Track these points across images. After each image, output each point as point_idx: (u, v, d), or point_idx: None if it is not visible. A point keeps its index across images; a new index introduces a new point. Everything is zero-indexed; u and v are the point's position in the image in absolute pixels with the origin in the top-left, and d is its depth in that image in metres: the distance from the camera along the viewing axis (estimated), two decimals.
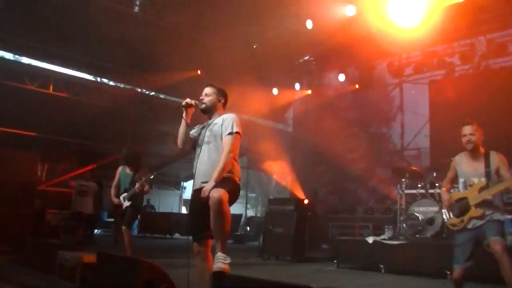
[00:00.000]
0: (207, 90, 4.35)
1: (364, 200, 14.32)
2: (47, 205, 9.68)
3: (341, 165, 15.06)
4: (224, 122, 4.14)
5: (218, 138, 4.12)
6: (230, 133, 4.07)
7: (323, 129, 15.93)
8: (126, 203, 6.98)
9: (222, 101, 4.36)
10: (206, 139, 4.18)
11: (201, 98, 4.33)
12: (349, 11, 11.99)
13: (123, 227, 6.81)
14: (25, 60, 12.84)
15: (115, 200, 7.10)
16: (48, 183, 11.17)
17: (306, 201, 11.40)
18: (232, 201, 3.91)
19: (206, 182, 3.95)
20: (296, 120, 17.40)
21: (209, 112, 4.33)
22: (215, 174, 3.90)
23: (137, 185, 6.90)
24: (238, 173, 4.13)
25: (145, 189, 6.99)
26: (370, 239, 8.20)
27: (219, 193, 3.71)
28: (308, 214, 11.04)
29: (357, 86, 14.69)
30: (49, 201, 9.86)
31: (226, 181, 3.92)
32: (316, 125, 16.29)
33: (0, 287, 5.18)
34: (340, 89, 15.97)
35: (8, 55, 12.85)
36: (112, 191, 7.19)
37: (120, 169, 7.26)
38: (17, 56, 13.29)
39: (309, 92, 15.14)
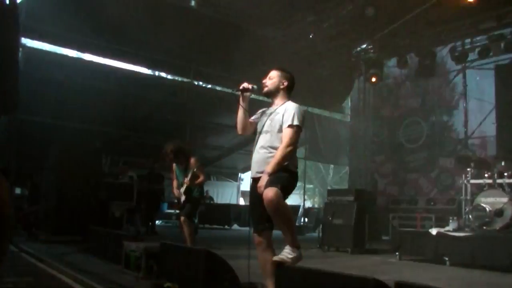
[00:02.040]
0: (272, 73, 4.26)
1: (425, 191, 13.98)
2: (110, 197, 9.79)
3: (401, 155, 14.78)
4: (286, 113, 4.01)
5: (277, 129, 4.01)
6: (291, 126, 3.95)
7: (383, 118, 15.88)
8: (183, 197, 7.07)
9: (286, 83, 4.21)
10: (265, 128, 4.09)
11: (263, 81, 4.25)
12: None
13: (182, 218, 6.91)
14: (87, 57, 13.19)
15: (176, 192, 7.20)
16: (111, 175, 11.37)
17: (366, 192, 11.36)
18: (288, 191, 3.85)
19: (260, 172, 3.91)
20: (354, 110, 17.11)
21: (270, 96, 4.24)
22: (269, 167, 3.84)
23: (185, 179, 6.97)
24: (294, 162, 4.03)
25: (197, 181, 7.01)
26: (433, 231, 7.96)
27: (272, 193, 3.62)
28: (368, 205, 10.78)
29: (417, 73, 14.22)
30: (112, 192, 9.94)
31: (280, 173, 3.84)
32: (375, 114, 16.14)
33: (71, 274, 5.36)
34: (400, 77, 15.62)
35: (72, 53, 13.24)
36: (174, 184, 7.30)
37: (174, 165, 7.32)
38: (79, 53, 13.67)
39: (368, 80, 14.70)
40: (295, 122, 3.96)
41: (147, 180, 12.10)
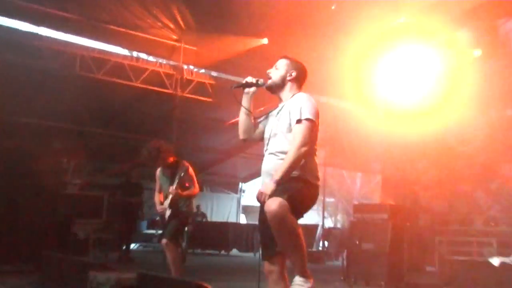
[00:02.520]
0: (278, 62, 4.37)
1: (484, 208, 13.68)
2: (73, 213, 9.78)
3: (451, 160, 14.59)
4: (295, 106, 4.08)
5: (286, 128, 4.09)
6: (300, 121, 4.00)
7: None
8: (168, 211, 7.02)
9: (294, 74, 4.31)
10: (273, 130, 4.15)
11: (267, 71, 4.33)
12: None
13: (164, 240, 6.83)
14: (44, 31, 13.05)
15: (159, 207, 7.18)
16: (75, 185, 11.32)
17: (403, 209, 11.49)
18: (301, 207, 3.93)
19: None
20: None
21: (276, 90, 4.33)
22: (277, 173, 3.87)
23: (171, 188, 6.91)
24: (312, 171, 4.08)
25: (187, 192, 6.98)
26: (495, 261, 7.91)
27: (275, 205, 3.65)
28: (407, 225, 10.97)
29: (474, 53, 14.00)
30: (76, 208, 10.00)
31: (290, 183, 3.88)
32: None
33: None
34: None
35: (24, 26, 13.08)
36: (157, 196, 7.31)
37: (158, 171, 7.33)
38: (34, 27, 13.54)
39: None
40: (306, 115, 4.00)
41: (121, 191, 12.10)
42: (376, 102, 18.16)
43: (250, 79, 4.28)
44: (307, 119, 3.99)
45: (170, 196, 6.97)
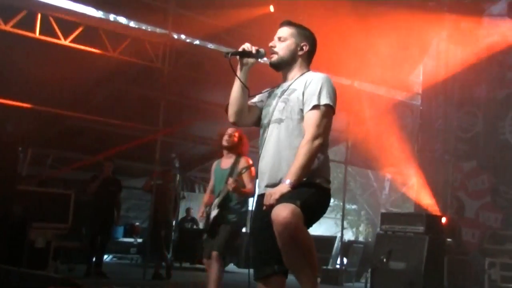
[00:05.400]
0: (282, 31, 4.31)
1: None
2: (30, 215, 9.56)
3: (506, 162, 14.49)
4: (308, 88, 4.08)
5: (296, 114, 4.09)
6: (317, 106, 4.01)
7: (476, 101, 15.50)
8: (215, 211, 7.07)
9: (306, 48, 4.29)
10: (277, 114, 4.12)
11: (270, 45, 4.29)
12: None
13: (213, 253, 6.90)
14: None
15: (200, 212, 7.51)
16: (33, 179, 11.08)
17: (444, 220, 11.59)
18: (314, 216, 3.96)
19: (272, 186, 3.99)
20: (428, 87, 16.85)
21: (283, 67, 4.30)
22: (291, 173, 3.88)
23: (230, 181, 6.92)
24: (325, 172, 4.12)
25: (245, 190, 7.03)
26: None
27: (287, 212, 3.65)
28: (447, 241, 11.11)
29: None
30: (34, 208, 9.77)
31: (302, 187, 3.89)
32: (463, 95, 15.84)
33: None
34: (501, 38, 15.13)
35: None
36: (205, 197, 7.63)
37: (214, 165, 7.50)
38: None
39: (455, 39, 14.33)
40: (324, 101, 4.01)
41: (94, 187, 11.93)
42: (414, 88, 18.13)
43: (248, 47, 4.19)
44: (325, 105, 4.00)
45: (223, 194, 7.04)
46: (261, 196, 4.06)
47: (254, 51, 4.18)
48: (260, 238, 4.03)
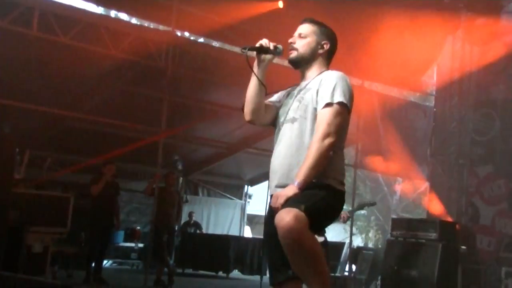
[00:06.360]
0: (303, 28, 4.33)
1: None
2: (27, 220, 9.62)
3: None
4: (322, 86, 4.10)
5: (310, 113, 4.11)
6: (329, 104, 4.01)
7: (493, 103, 15.46)
8: None
9: (327, 47, 4.32)
10: (291, 113, 4.13)
11: (290, 41, 4.30)
12: None
13: None
14: None
15: None
16: (31, 182, 11.13)
17: (458, 226, 11.72)
18: (323, 222, 4.10)
19: (282, 186, 3.99)
20: (442, 88, 16.77)
21: (302, 65, 4.32)
22: (300, 174, 3.90)
23: None
24: (338, 173, 4.11)
25: None
26: None
27: (290, 217, 3.65)
28: (462, 248, 11.35)
29: None
30: (32, 212, 9.79)
31: (312, 188, 3.90)
32: (479, 96, 15.77)
33: None
34: None
35: None
36: None
37: None
38: None
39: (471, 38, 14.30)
40: (338, 99, 4.01)
41: (98, 188, 11.88)
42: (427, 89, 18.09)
43: (266, 42, 4.19)
44: (338, 103, 4.00)
45: None
46: (272, 197, 4.07)
47: (272, 47, 4.19)
48: (273, 243, 3.99)
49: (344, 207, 4.76)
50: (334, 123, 3.97)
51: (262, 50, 4.21)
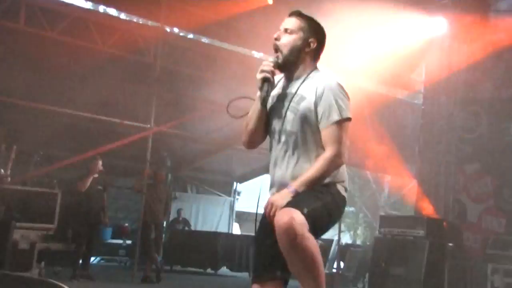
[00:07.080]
0: (290, 22, 4.12)
1: None
2: (13, 216, 9.63)
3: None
4: (322, 99, 3.96)
5: (308, 126, 3.99)
6: (338, 121, 3.93)
7: (480, 101, 15.50)
8: None
9: (314, 45, 4.10)
10: (287, 126, 4.00)
11: (275, 36, 4.09)
12: None
13: None
14: None
15: None
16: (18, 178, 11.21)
17: (445, 224, 11.58)
18: (324, 227, 3.98)
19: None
20: (430, 86, 16.75)
21: (288, 68, 4.11)
22: (298, 182, 3.85)
23: None
24: (343, 180, 4.10)
25: None
26: None
27: (289, 217, 3.59)
28: (448, 245, 11.03)
29: None
30: (18, 209, 9.83)
31: (316, 192, 3.87)
32: (467, 94, 15.79)
33: None
34: (507, 35, 15.12)
35: None
36: None
37: None
38: None
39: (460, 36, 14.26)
40: (345, 114, 3.96)
41: (85, 183, 11.88)
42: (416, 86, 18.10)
43: (268, 65, 4.00)
44: (346, 119, 3.95)
45: None
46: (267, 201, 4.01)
47: (273, 63, 4.02)
48: (265, 247, 3.96)
49: None
50: (345, 141, 3.96)
51: (267, 77, 4.00)
